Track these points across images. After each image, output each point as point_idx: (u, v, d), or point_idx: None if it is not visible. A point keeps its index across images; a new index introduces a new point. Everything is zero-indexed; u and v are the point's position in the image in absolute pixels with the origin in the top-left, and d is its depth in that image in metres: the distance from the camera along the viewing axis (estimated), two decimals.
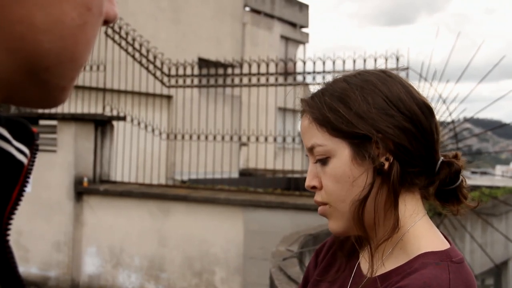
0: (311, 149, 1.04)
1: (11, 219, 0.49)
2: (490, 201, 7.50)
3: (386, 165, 0.97)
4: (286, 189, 7.61)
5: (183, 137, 7.94)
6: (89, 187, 7.25)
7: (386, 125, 0.97)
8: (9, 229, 0.49)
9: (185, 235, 6.79)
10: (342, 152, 0.99)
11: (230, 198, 6.58)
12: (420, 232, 0.99)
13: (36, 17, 0.37)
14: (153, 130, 8.10)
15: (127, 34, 7.94)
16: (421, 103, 1.01)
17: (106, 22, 0.45)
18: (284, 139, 7.45)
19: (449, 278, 0.90)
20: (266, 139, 7.36)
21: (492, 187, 8.93)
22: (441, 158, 1.03)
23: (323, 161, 1.02)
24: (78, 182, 7.24)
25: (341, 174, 0.99)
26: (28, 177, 0.50)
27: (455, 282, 0.90)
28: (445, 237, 1.02)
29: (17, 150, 0.49)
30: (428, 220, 1.02)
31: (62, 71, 0.40)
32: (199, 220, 6.72)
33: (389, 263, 0.99)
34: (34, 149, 0.52)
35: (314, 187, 1.05)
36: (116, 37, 7.98)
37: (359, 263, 1.09)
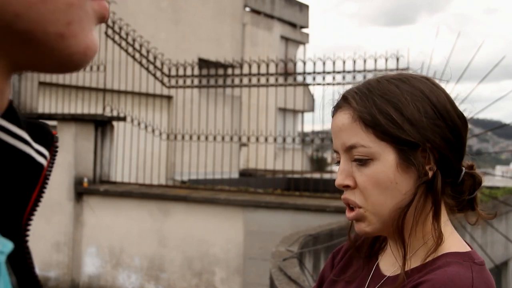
0: (350, 148, 1.01)
1: (30, 220, 0.50)
2: (490, 201, 7.49)
3: (430, 174, 0.99)
4: (286, 189, 7.61)
5: (183, 137, 7.94)
6: (89, 188, 7.25)
7: (434, 135, 0.98)
8: (28, 230, 0.50)
9: (185, 236, 6.79)
10: (386, 157, 0.99)
11: (230, 198, 6.58)
12: (444, 234, 1.00)
13: None
14: (153, 131, 8.10)
15: (127, 34, 7.95)
16: (460, 115, 1.03)
17: None
18: (284, 140, 7.45)
19: (472, 276, 0.92)
20: (266, 139, 7.36)
21: (492, 188, 8.93)
22: (463, 169, 1.04)
23: (363, 162, 1.00)
24: (78, 182, 7.25)
25: (383, 179, 0.99)
26: (48, 179, 0.51)
27: (477, 281, 0.91)
28: (466, 242, 1.04)
29: (37, 152, 0.50)
30: (450, 225, 1.04)
31: (38, 14, 0.36)
32: (199, 221, 6.72)
33: (411, 263, 1.01)
34: (53, 151, 0.53)
35: (346, 186, 1.03)
36: (116, 37, 7.98)
37: (377, 264, 1.10)
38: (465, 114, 1.07)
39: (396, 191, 0.98)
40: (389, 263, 1.07)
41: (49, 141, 0.53)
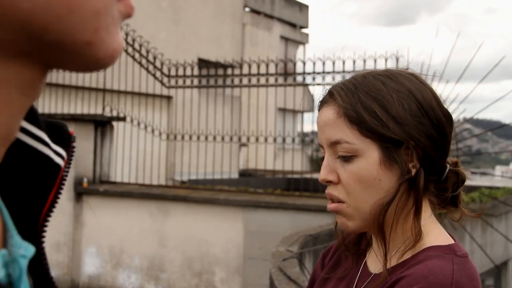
0: (334, 143, 1.02)
1: (47, 221, 0.51)
2: (490, 201, 7.49)
3: (413, 172, 0.99)
4: (286, 189, 7.61)
5: (183, 137, 7.94)
6: (89, 188, 7.24)
7: (419, 133, 0.99)
8: (44, 231, 0.50)
9: (185, 236, 6.79)
10: (370, 154, 0.99)
11: (230, 198, 6.58)
12: (426, 230, 1.01)
13: None
14: (153, 131, 8.10)
15: (127, 34, 7.95)
16: (446, 112, 1.03)
17: None
18: (284, 140, 7.45)
19: (453, 269, 0.92)
20: (266, 139, 7.36)
21: (492, 188, 8.92)
22: (448, 166, 1.05)
23: (346, 158, 1.01)
24: (78, 182, 7.24)
25: (366, 175, 0.99)
26: (65, 180, 0.52)
27: (458, 273, 0.92)
28: (450, 235, 1.04)
29: (55, 153, 0.50)
30: (434, 219, 1.04)
31: (66, 26, 0.36)
32: (199, 221, 6.72)
33: (395, 259, 1.01)
34: (70, 151, 0.53)
35: (329, 181, 1.03)
36: None
37: (365, 262, 1.11)
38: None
39: (379, 188, 0.99)
40: (375, 261, 1.08)
41: (67, 141, 0.53)
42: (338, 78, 1.11)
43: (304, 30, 21.48)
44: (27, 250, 0.38)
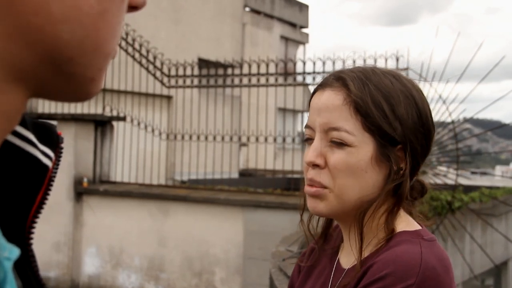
0: (330, 129, 1.01)
1: (35, 222, 0.51)
2: (490, 201, 7.49)
3: (401, 173, 1.02)
4: (286, 189, 7.61)
5: (183, 137, 7.94)
6: (89, 188, 7.24)
7: (414, 139, 1.02)
8: (32, 232, 0.51)
9: (185, 236, 6.79)
10: (365, 146, 1.00)
11: (230, 198, 6.57)
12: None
13: (51, 6, 0.36)
14: (153, 131, 8.10)
15: (127, 34, 7.94)
16: (433, 124, 1.07)
17: (134, 8, 0.44)
18: (284, 140, 7.45)
19: (421, 251, 0.95)
20: (266, 139, 7.36)
21: (492, 188, 8.93)
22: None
23: (339, 144, 1.01)
24: (78, 182, 7.24)
25: (355, 165, 1.00)
26: (53, 180, 0.52)
27: (427, 255, 0.94)
28: (418, 222, 1.07)
29: (43, 153, 0.50)
30: (401, 210, 1.07)
31: (86, 61, 0.39)
32: (199, 221, 6.72)
33: (367, 251, 1.03)
34: (59, 152, 0.54)
35: (316, 165, 1.03)
36: None
37: (338, 259, 1.13)
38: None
39: (364, 180, 1.00)
40: (346, 256, 1.10)
41: (55, 142, 0.53)
42: None
43: (304, 30, 21.47)
44: (11, 252, 0.38)
